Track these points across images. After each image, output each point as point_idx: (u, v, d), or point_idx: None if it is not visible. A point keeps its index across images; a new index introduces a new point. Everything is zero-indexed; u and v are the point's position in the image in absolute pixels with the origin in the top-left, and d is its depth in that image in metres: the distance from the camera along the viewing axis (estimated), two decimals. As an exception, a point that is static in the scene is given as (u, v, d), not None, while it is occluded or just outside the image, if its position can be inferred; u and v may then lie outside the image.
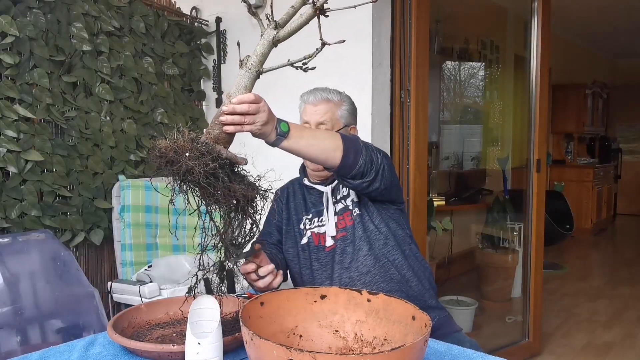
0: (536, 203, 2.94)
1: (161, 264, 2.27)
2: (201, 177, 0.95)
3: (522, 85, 3.25)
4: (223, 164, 0.99)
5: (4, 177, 2.07)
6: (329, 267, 1.49)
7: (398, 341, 0.99)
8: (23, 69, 2.10)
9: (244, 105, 1.03)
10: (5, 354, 1.74)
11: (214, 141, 1.03)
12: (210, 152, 0.98)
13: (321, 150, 1.22)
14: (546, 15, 2.89)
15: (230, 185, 0.99)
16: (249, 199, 1.01)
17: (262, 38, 1.04)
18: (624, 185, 7.95)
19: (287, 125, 1.14)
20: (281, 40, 1.04)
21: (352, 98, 1.60)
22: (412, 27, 2.33)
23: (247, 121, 1.04)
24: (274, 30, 1.02)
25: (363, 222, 1.46)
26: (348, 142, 1.27)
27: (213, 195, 0.98)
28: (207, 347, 0.95)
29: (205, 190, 0.98)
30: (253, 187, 1.03)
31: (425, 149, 2.43)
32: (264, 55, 1.04)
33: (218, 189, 0.97)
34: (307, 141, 1.19)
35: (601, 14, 5.48)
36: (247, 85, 1.05)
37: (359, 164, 1.28)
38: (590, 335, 3.33)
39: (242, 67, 1.05)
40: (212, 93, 2.93)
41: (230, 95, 1.05)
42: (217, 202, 0.99)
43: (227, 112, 1.03)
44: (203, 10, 2.94)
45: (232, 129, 1.04)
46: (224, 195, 0.98)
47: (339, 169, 1.27)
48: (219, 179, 0.97)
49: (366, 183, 1.32)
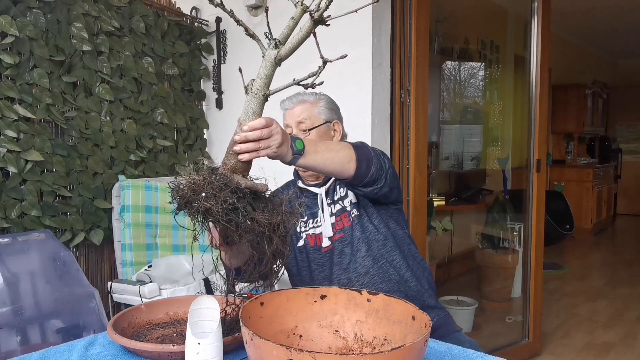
0: (536, 203, 2.94)
1: (161, 264, 2.27)
2: (220, 217, 0.92)
3: (522, 85, 3.25)
4: (244, 194, 0.96)
5: (4, 177, 2.07)
6: (327, 268, 1.49)
7: (398, 341, 0.99)
8: (23, 69, 2.10)
9: (255, 132, 1.00)
10: (5, 354, 1.74)
11: (231, 172, 0.99)
12: (229, 185, 0.94)
13: (336, 163, 1.23)
14: (546, 15, 2.89)
15: (254, 215, 0.95)
16: (274, 226, 0.97)
17: (264, 59, 0.99)
18: (624, 185, 7.95)
19: (301, 142, 1.13)
20: (284, 59, 0.99)
21: (331, 96, 1.60)
22: (412, 27, 2.33)
23: (262, 146, 1.01)
24: (274, 50, 0.98)
25: (361, 223, 1.46)
26: (360, 151, 1.28)
27: (236, 232, 0.95)
28: (207, 347, 0.95)
29: (227, 228, 0.94)
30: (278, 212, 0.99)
31: (425, 149, 2.43)
32: (268, 77, 1.00)
33: (240, 225, 0.94)
34: (322, 155, 1.19)
35: (601, 14, 5.48)
36: (255, 111, 1.01)
37: (372, 171, 1.29)
38: (590, 335, 3.33)
39: (249, 92, 1.01)
40: (212, 93, 2.93)
41: (241, 123, 1.01)
42: (241, 237, 0.96)
43: (240, 141, 1.00)
44: (203, 10, 2.94)
45: (248, 157, 1.01)
46: (247, 230, 0.95)
47: (353, 179, 1.28)
48: (239, 213, 0.94)
49: (377, 189, 1.34)
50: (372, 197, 1.40)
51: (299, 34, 0.97)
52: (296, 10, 0.95)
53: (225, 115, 2.90)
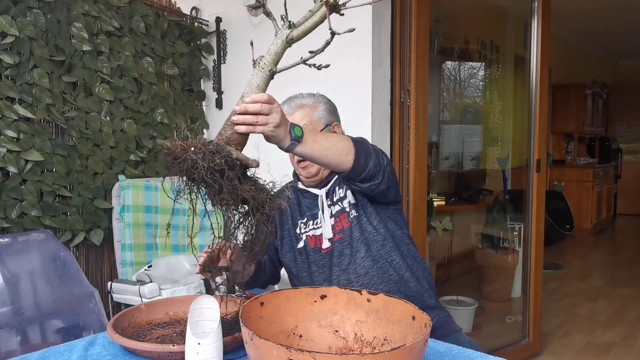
0: (536, 203, 2.94)
1: (161, 264, 2.27)
2: (204, 172, 0.93)
3: (522, 85, 3.25)
4: (233, 165, 0.97)
5: (4, 177, 2.07)
6: (327, 269, 1.49)
7: (398, 341, 0.99)
8: (23, 69, 2.10)
9: (256, 105, 1.01)
10: (5, 354, 1.74)
11: (225, 142, 1.01)
12: (220, 152, 0.95)
13: (334, 154, 1.22)
14: (546, 15, 2.89)
15: (238, 185, 0.96)
16: (259, 202, 0.98)
17: (276, 37, 1.01)
18: (624, 185, 7.95)
19: (301, 129, 1.12)
20: (295, 40, 1.01)
21: (329, 97, 1.59)
22: (412, 27, 2.33)
23: (259, 121, 1.02)
24: (287, 30, 1.00)
25: (360, 224, 1.46)
26: (359, 145, 1.27)
27: (219, 193, 0.95)
28: (207, 347, 0.95)
29: (210, 187, 0.95)
30: (264, 191, 0.99)
31: (425, 149, 2.43)
32: (277, 55, 1.02)
33: (224, 187, 0.94)
34: (320, 145, 1.18)
35: (601, 14, 5.48)
36: (260, 85, 1.02)
37: (369, 166, 1.28)
38: (590, 335, 3.33)
39: (256, 66, 1.02)
40: (212, 93, 2.93)
41: (243, 95, 1.03)
42: (224, 201, 0.96)
43: (239, 112, 1.01)
44: (203, 10, 2.94)
45: (244, 129, 1.02)
46: (231, 194, 0.95)
47: (350, 172, 1.27)
48: (224, 176, 0.94)
49: (374, 186, 1.33)
50: (370, 195, 1.39)
51: (312, 18, 0.99)
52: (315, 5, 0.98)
53: (225, 115, 2.89)
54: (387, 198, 1.45)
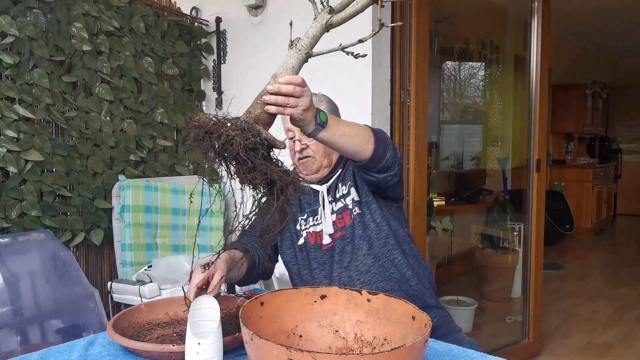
0: (536, 203, 2.94)
1: (161, 264, 2.27)
2: (241, 149, 0.91)
3: (522, 85, 3.25)
4: (262, 144, 0.95)
5: (4, 177, 2.07)
6: (328, 266, 1.49)
7: (398, 341, 0.99)
8: (23, 69, 2.10)
9: (289, 87, 0.99)
10: (5, 354, 1.74)
11: (254, 121, 0.99)
12: (250, 130, 0.94)
13: (355, 141, 1.22)
14: (546, 15, 2.89)
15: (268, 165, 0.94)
16: (285, 184, 0.96)
17: (315, 21, 1.00)
18: (624, 185, 7.95)
19: (325, 115, 1.13)
20: (334, 26, 1.00)
21: (330, 96, 1.60)
22: (412, 27, 2.33)
23: (290, 103, 1.01)
24: (328, 15, 0.99)
25: (363, 222, 1.46)
26: (377, 134, 1.27)
27: (251, 171, 0.93)
28: (207, 347, 0.95)
29: (243, 165, 0.93)
30: (288, 173, 0.98)
31: (425, 149, 2.43)
32: (315, 38, 1.00)
33: (257, 165, 0.93)
34: (342, 132, 1.18)
35: (601, 14, 5.48)
36: (294, 67, 1.01)
37: (387, 156, 1.28)
38: (590, 335, 3.33)
39: (292, 47, 1.01)
40: (212, 93, 2.93)
41: (277, 75, 1.01)
42: (254, 179, 0.94)
43: (272, 92, 0.99)
44: (203, 10, 2.94)
45: (275, 110, 1.00)
46: (261, 174, 0.93)
47: (369, 161, 1.27)
48: (259, 154, 0.93)
49: (389, 177, 1.33)
50: (383, 186, 1.39)
51: (353, 5, 0.98)
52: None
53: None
54: (395, 192, 1.45)
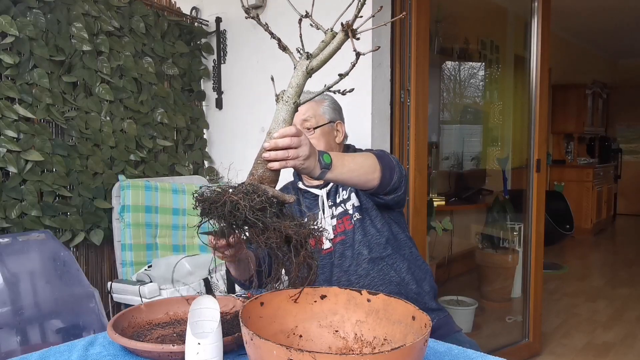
0: (536, 203, 2.94)
1: (161, 264, 2.27)
2: (247, 211, 0.89)
3: (522, 85, 3.25)
4: (271, 203, 0.94)
5: (4, 177, 2.07)
6: (328, 270, 1.49)
7: (398, 341, 0.99)
8: (23, 69, 2.10)
9: (285, 139, 1.00)
10: (5, 354, 1.74)
11: (258, 181, 0.99)
12: (255, 191, 0.93)
13: (362, 174, 1.23)
14: (546, 15, 2.89)
15: (280, 222, 0.92)
16: (302, 238, 0.95)
17: (296, 69, 1.01)
18: (624, 185, 7.95)
19: (329, 156, 1.13)
20: (315, 70, 1.02)
21: (334, 97, 1.61)
22: (412, 27, 2.33)
23: (290, 155, 1.01)
24: (306, 60, 1.00)
25: (363, 227, 1.46)
26: (382, 160, 1.28)
27: (264, 232, 0.91)
28: (207, 347, 0.95)
29: (255, 227, 0.91)
30: (303, 226, 0.97)
31: (425, 149, 2.43)
32: (299, 87, 1.02)
33: (268, 225, 0.91)
34: (349, 168, 1.19)
35: (601, 14, 5.48)
36: (285, 119, 1.02)
37: (394, 180, 1.29)
38: (590, 335, 3.33)
39: (279, 101, 1.02)
40: (212, 93, 2.93)
41: (270, 131, 1.01)
42: (269, 240, 0.92)
43: (270, 148, 1.00)
44: (203, 10, 2.94)
45: (278, 165, 1.00)
46: (275, 232, 0.91)
47: (377, 188, 1.28)
48: (267, 213, 0.91)
49: (397, 197, 1.34)
50: (390, 204, 1.40)
51: (330, 46, 1.00)
52: (326, 36, 0.99)
53: (225, 115, 2.90)
54: (399, 205, 1.46)
